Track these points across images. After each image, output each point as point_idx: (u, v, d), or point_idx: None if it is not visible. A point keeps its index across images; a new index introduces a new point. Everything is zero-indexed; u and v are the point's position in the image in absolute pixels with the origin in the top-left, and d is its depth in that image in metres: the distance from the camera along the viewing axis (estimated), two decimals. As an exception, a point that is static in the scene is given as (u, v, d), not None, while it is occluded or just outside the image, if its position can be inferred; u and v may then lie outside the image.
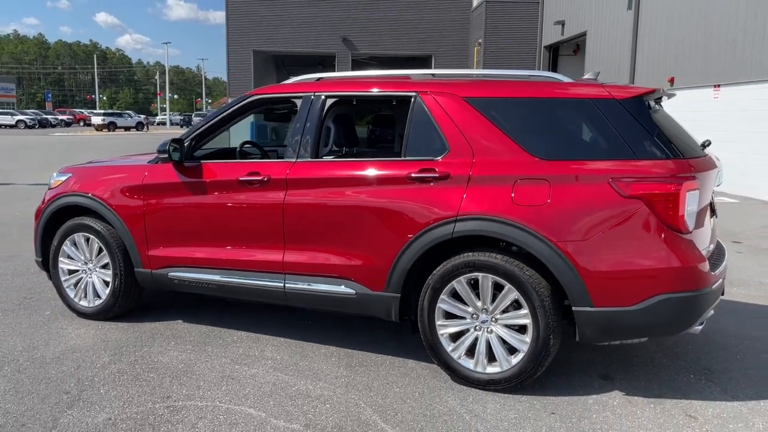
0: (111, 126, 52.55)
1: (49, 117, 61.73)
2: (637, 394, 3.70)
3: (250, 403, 3.53)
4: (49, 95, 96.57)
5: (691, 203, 3.38)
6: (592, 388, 3.76)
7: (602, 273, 3.40)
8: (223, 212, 4.33)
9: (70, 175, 5.06)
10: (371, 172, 3.93)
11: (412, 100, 3.94)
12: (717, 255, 3.96)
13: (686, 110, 15.07)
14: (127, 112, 62.23)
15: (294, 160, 4.16)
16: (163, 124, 70.22)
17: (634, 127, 3.48)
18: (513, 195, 3.55)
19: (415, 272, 3.82)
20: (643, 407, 3.53)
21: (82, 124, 66.18)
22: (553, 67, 25.61)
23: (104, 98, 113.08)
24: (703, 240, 3.63)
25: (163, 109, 79.10)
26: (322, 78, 4.43)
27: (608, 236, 3.40)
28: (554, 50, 25.49)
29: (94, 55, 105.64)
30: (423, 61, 31.13)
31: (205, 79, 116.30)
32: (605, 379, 3.92)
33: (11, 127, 55.79)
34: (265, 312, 5.05)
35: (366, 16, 27.90)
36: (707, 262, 3.46)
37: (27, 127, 56.03)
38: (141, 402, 3.53)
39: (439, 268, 3.74)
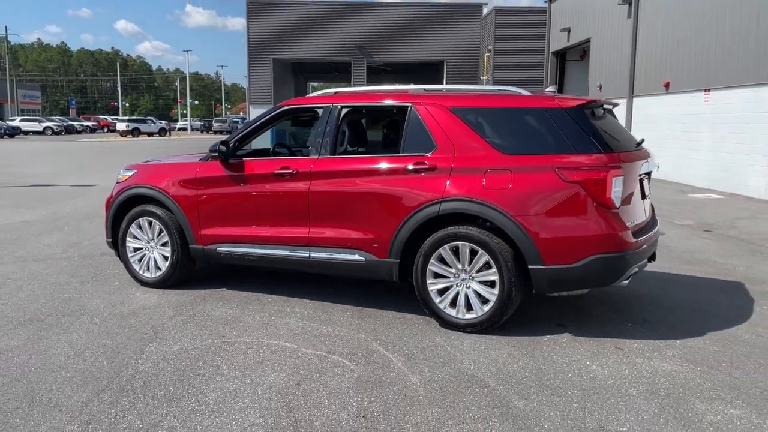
0: (135, 132, 54.27)
1: (74, 123, 63.71)
2: (582, 335, 4.79)
3: (285, 339, 4.67)
4: (73, 102, 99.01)
5: (616, 186, 4.47)
6: (548, 332, 4.86)
7: (550, 239, 4.50)
8: (261, 198, 5.49)
9: (135, 171, 6.25)
10: (376, 165, 5.07)
11: (409, 109, 5.07)
12: (648, 227, 5.04)
13: (680, 113, 16.10)
14: (150, 118, 64.05)
15: (317, 156, 5.32)
16: (185, 129, 72.02)
17: (575, 129, 4.58)
18: (484, 182, 4.66)
19: (411, 242, 4.94)
20: (584, 343, 4.62)
21: (106, 130, 68.14)
22: (561, 71, 26.63)
23: (126, 105, 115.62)
24: (630, 214, 4.71)
25: (184, 115, 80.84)
26: (338, 92, 5.58)
27: (554, 211, 4.50)
28: (561, 56, 26.51)
29: (117, 63, 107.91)
30: (436, 67, 32.27)
31: (224, 85, 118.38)
32: (560, 326, 5.01)
33: (39, 133, 57.77)
34: (294, 281, 6.20)
35: (380, 24, 29.09)
36: (630, 231, 4.55)
37: (54, 133, 57.96)
38: (203, 339, 4.69)
39: (429, 238, 4.85)
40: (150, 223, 6.04)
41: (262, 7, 29.77)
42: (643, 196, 5.06)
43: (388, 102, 5.30)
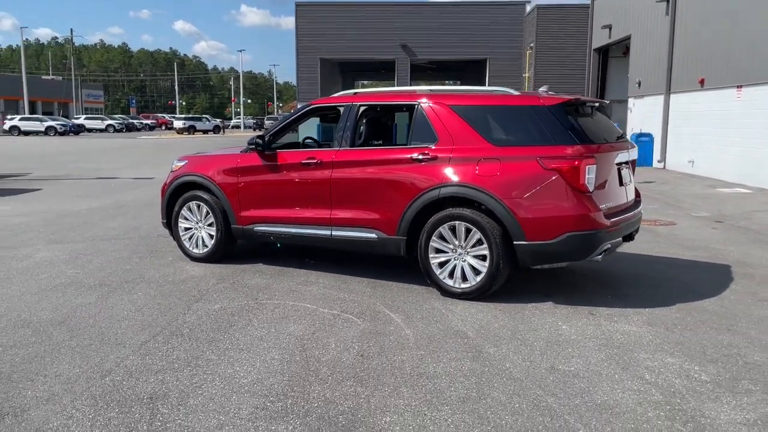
0: (191, 129, 56.48)
1: (134, 121, 66.60)
2: (564, 303, 5.50)
3: (307, 302, 5.54)
4: (133, 101, 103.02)
5: (590, 173, 5.17)
6: (533, 300, 5.59)
7: (532, 218, 5.24)
8: (291, 184, 6.38)
9: (187, 161, 7.24)
10: (387, 155, 5.90)
11: (416, 106, 5.88)
12: (626, 210, 5.73)
13: (714, 109, 16.38)
14: (205, 116, 66.39)
15: (338, 148, 6.18)
16: (238, 127, 74.25)
17: (556, 124, 5.30)
18: (477, 170, 5.43)
19: (416, 222, 5.73)
20: (563, 309, 5.34)
21: (164, 128, 70.81)
22: (603, 68, 26.84)
23: (182, 103, 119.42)
24: (605, 198, 5.39)
25: (237, 113, 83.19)
26: (357, 92, 6.43)
27: (535, 195, 5.24)
28: (604, 52, 26.72)
29: (174, 63, 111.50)
30: (478, 65, 32.80)
31: (276, 83, 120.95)
32: (547, 296, 5.73)
33: (101, 131, 60.68)
34: (319, 258, 7.08)
35: (424, 23, 29.82)
36: (602, 212, 5.24)
37: (116, 130, 60.80)
38: (239, 300, 5.60)
39: (431, 219, 5.64)
40: (198, 206, 7.01)
41: (310, 9, 30.90)
42: (621, 183, 5.73)
43: (399, 101, 6.13)
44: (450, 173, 5.53)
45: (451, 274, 5.63)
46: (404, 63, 30.33)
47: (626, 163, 5.83)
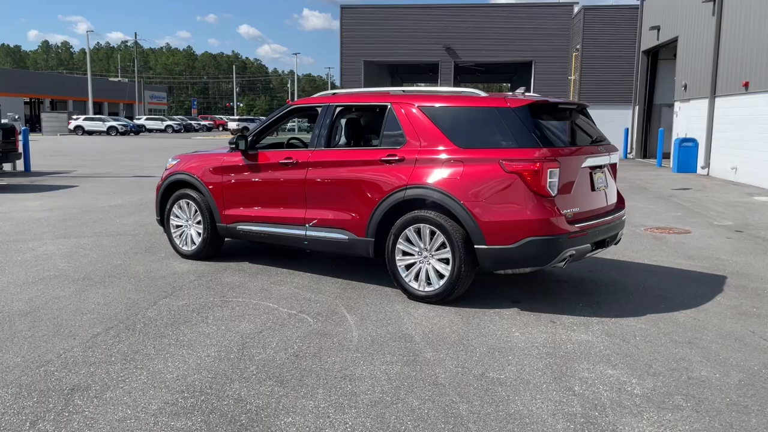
0: (244, 130, 57.54)
1: (192, 122, 68.48)
2: (529, 310, 5.36)
3: (271, 301, 5.57)
4: (195, 103, 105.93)
5: (552, 177, 5.02)
6: (500, 306, 5.46)
7: (492, 222, 5.13)
8: (270, 184, 6.44)
9: (179, 160, 7.40)
10: (359, 156, 5.88)
11: (388, 107, 5.84)
12: (601, 215, 5.54)
13: (757, 113, 15.68)
14: (260, 117, 67.62)
15: (314, 149, 6.20)
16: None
17: (520, 126, 5.17)
18: (441, 172, 5.35)
19: (384, 224, 5.69)
20: (525, 316, 5.20)
21: (220, 128, 72.54)
22: (652, 71, 26.02)
23: (242, 105, 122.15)
24: (570, 203, 5.22)
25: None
26: (336, 93, 6.44)
27: (496, 198, 5.12)
28: (653, 55, 25.90)
29: (233, 66, 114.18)
30: (524, 67, 32.30)
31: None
32: (515, 302, 5.60)
33: (161, 131, 62.65)
34: (301, 258, 7.11)
35: (469, 25, 29.58)
36: (564, 217, 5.08)
37: (174, 131, 62.68)
38: (206, 297, 5.68)
39: (398, 221, 5.59)
40: (188, 204, 7.15)
41: (355, 11, 31.11)
42: (593, 188, 5.54)
43: (373, 102, 6.10)
44: (415, 175, 5.47)
45: (417, 277, 5.57)
46: (447, 65, 30.14)
47: (600, 167, 5.63)
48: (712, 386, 3.87)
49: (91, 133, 53.74)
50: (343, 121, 6.40)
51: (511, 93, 5.83)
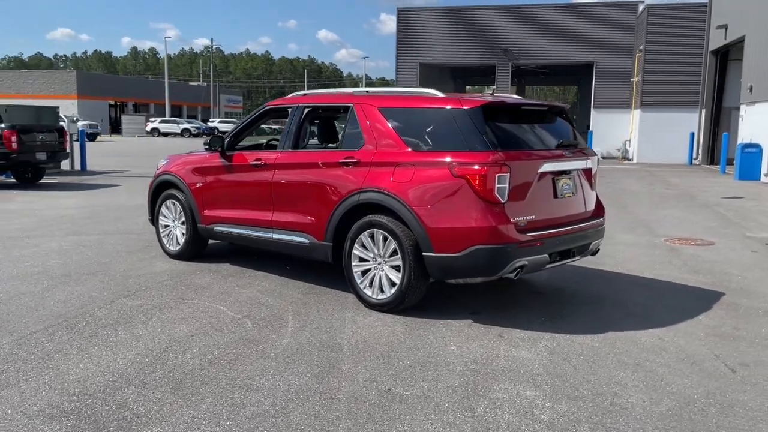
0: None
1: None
2: (484, 322, 5.06)
3: (224, 305, 5.50)
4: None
5: (501, 182, 4.72)
6: (453, 317, 5.18)
7: (439, 229, 4.87)
8: (241, 185, 6.39)
9: (168, 160, 7.46)
10: (319, 158, 5.74)
11: (350, 108, 5.67)
12: (565, 223, 5.17)
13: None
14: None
15: (281, 150, 6.10)
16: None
17: (472, 128, 4.89)
18: (393, 175, 5.14)
19: (341, 228, 5.52)
20: (475, 329, 4.91)
21: (290, 131, 73.83)
22: (721, 72, 24.61)
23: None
24: (525, 210, 4.88)
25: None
26: (306, 94, 6.32)
27: (444, 204, 4.86)
28: (722, 55, 24.50)
29: (305, 70, 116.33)
30: (585, 69, 31.22)
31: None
32: (475, 313, 5.31)
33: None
34: (281, 261, 7.01)
35: (527, 26, 28.84)
36: (513, 225, 4.76)
37: (244, 133, 64.23)
38: (165, 298, 5.67)
39: (354, 225, 5.41)
40: (174, 204, 7.21)
41: (411, 14, 30.89)
42: (556, 194, 5.17)
43: (338, 103, 5.94)
44: (369, 178, 5.28)
45: (371, 284, 5.37)
46: (505, 67, 29.46)
47: (565, 172, 5.26)
48: (631, 415, 3.50)
49: (166, 135, 55.86)
50: (310, 123, 6.27)
51: (480, 94, 5.54)
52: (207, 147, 6.65)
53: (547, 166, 5.05)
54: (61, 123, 17.92)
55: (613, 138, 28.33)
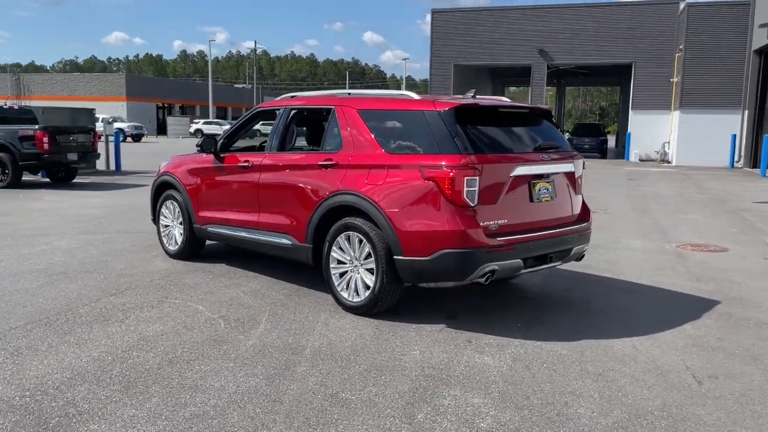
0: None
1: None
2: (455, 327, 4.99)
3: (205, 305, 5.55)
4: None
5: (470, 186, 4.64)
6: (428, 321, 5.12)
7: (410, 232, 4.82)
8: (231, 187, 6.45)
9: (169, 162, 7.59)
10: (301, 160, 5.75)
11: (332, 111, 5.67)
12: (538, 229, 5.05)
13: None
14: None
15: (268, 152, 6.14)
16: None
17: (443, 131, 4.82)
18: (367, 178, 5.11)
19: (320, 230, 5.52)
20: (445, 333, 4.84)
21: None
22: (765, 72, 23.74)
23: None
24: (497, 214, 4.79)
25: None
26: (294, 95, 6.34)
27: (414, 207, 4.82)
28: (766, 54, 23.64)
29: (347, 72, 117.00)
30: (627, 70, 30.53)
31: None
32: (451, 317, 5.24)
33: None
34: (276, 262, 7.05)
35: (563, 26, 28.38)
36: (481, 229, 4.67)
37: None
38: (149, 297, 5.77)
39: (332, 227, 5.41)
40: (173, 204, 7.33)
41: (446, 15, 30.73)
42: (532, 198, 5.06)
43: (321, 105, 5.94)
44: (346, 181, 5.27)
45: (348, 287, 5.35)
46: (540, 68, 29.04)
47: (542, 176, 5.13)
48: (575, 426, 3.40)
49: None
50: (295, 125, 6.28)
51: (470, 95, 5.47)
52: (199, 149, 6.74)
53: (521, 170, 4.94)
54: (97, 124, 18.45)
55: (652, 140, 27.65)
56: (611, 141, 39.97)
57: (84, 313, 5.26)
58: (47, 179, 16.38)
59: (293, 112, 6.15)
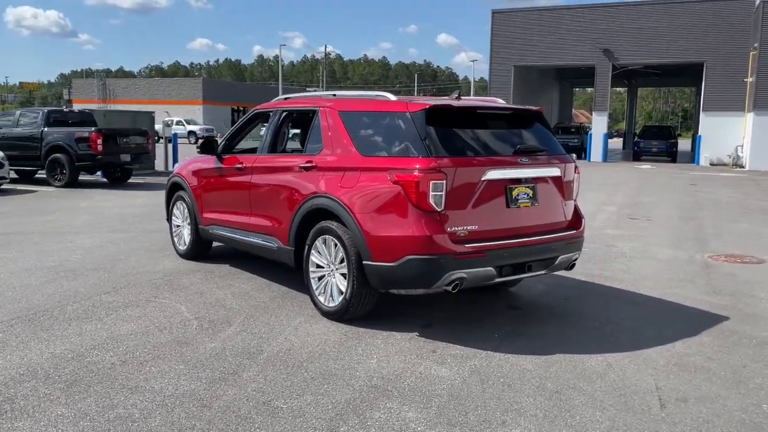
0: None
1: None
2: (427, 336, 4.80)
3: (188, 306, 5.57)
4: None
5: (437, 190, 4.45)
6: (401, 329, 4.95)
7: (378, 237, 4.68)
8: (227, 188, 6.49)
9: (182, 163, 7.72)
10: (286, 163, 5.71)
11: (316, 112, 5.59)
12: (515, 236, 4.80)
13: None
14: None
15: (259, 154, 6.13)
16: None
17: (414, 132, 4.66)
18: (342, 181, 5.01)
19: (300, 233, 5.45)
20: (413, 342, 4.67)
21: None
22: None
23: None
24: (465, 219, 4.57)
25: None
26: (288, 97, 6.31)
27: (383, 211, 4.67)
28: None
29: (415, 75, 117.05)
30: (694, 69, 29.10)
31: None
32: (425, 326, 5.06)
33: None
34: (273, 266, 7.02)
35: (629, 25, 27.31)
36: (446, 235, 4.47)
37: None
38: (140, 296, 5.85)
39: (311, 230, 5.33)
40: (182, 205, 7.45)
41: (506, 16, 30.13)
42: (509, 203, 4.80)
43: (307, 107, 5.87)
44: (322, 184, 5.19)
45: (324, 291, 5.26)
46: (605, 68, 28.04)
47: (521, 180, 4.86)
48: (500, 448, 3.18)
49: (277, 138, 58.00)
50: (285, 127, 6.24)
51: (454, 96, 5.28)
52: (199, 151, 6.81)
53: (495, 174, 4.70)
54: (157, 126, 19.08)
55: (724, 143, 26.21)
56: (686, 144, 38.25)
57: (70, 311, 5.38)
58: (105, 179, 17.07)
59: (284, 114, 6.12)
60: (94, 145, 15.09)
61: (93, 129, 15.45)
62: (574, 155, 30.18)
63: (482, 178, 4.66)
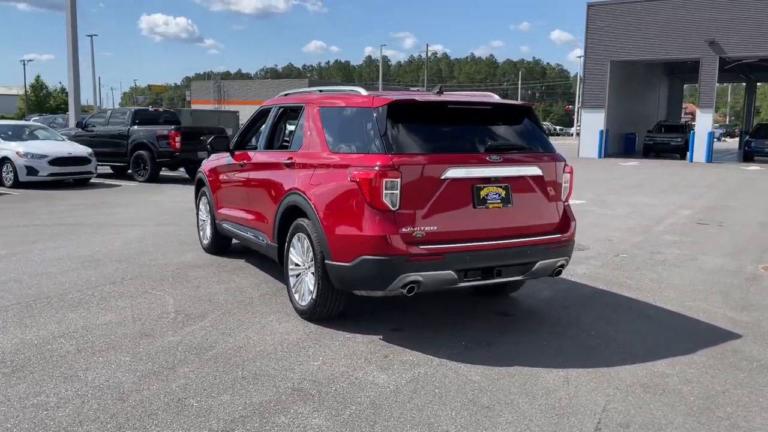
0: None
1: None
2: (389, 341, 4.60)
3: (177, 299, 5.65)
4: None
5: (390, 189, 4.24)
6: (367, 331, 4.78)
7: (337, 236, 4.54)
8: (233, 184, 6.56)
9: (209, 159, 7.90)
10: (274, 159, 5.68)
11: (302, 109, 5.52)
12: (478, 238, 4.48)
13: None
14: (545, 123, 66.38)
15: (257, 151, 6.14)
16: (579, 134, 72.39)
17: (375, 128, 4.47)
18: (311, 178, 4.91)
19: (281, 230, 5.39)
20: (371, 347, 4.48)
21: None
22: None
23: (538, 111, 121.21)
24: (423, 220, 4.31)
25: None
26: (287, 94, 6.27)
27: (342, 210, 4.52)
28: None
29: (519, 72, 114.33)
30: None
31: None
32: (394, 330, 4.86)
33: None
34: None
35: (737, 14, 25.23)
36: (399, 235, 4.24)
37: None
38: (138, 287, 6.01)
39: (290, 227, 5.27)
40: (205, 199, 7.62)
41: (604, 8, 28.66)
42: (476, 203, 4.48)
43: (296, 103, 5.79)
44: (297, 180, 5.11)
45: (299, 290, 5.18)
46: (711, 62, 26.07)
47: (490, 179, 4.52)
48: (383, 465, 2.96)
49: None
50: (282, 123, 6.21)
51: (436, 91, 5.04)
52: (209, 148, 6.92)
53: (458, 172, 4.40)
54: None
55: None
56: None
57: (69, 299, 5.61)
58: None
59: (280, 110, 6.09)
60: (173, 143, 15.83)
61: (173, 127, 16.22)
62: (678, 155, 28.32)
63: (443, 177, 4.39)
